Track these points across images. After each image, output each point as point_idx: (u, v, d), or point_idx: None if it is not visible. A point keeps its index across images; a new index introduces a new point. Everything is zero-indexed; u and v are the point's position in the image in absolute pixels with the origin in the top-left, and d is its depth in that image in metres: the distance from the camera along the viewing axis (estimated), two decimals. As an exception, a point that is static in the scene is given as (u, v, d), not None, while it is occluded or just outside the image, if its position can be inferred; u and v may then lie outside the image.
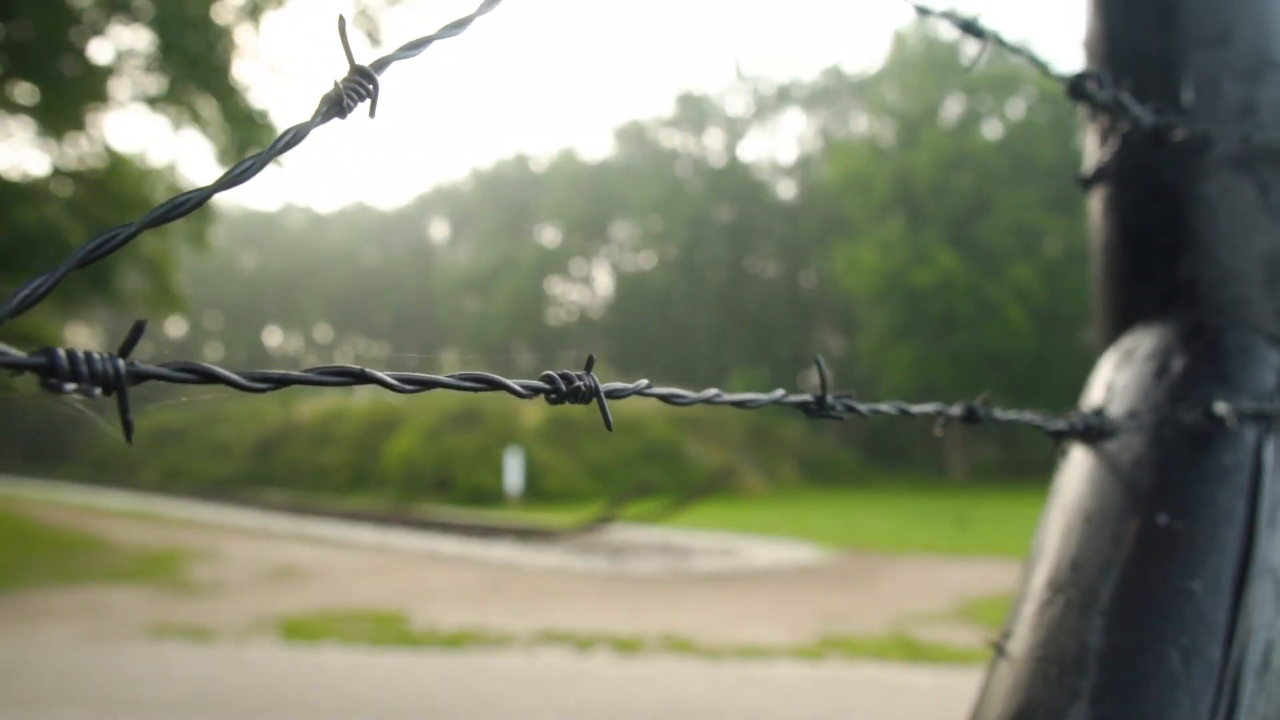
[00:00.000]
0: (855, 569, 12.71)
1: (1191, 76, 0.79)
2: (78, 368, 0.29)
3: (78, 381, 0.28)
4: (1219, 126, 0.80)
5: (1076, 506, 0.71)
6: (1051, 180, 37.63)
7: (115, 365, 0.30)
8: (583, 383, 0.42)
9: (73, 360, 0.28)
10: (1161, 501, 0.68)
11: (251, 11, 13.64)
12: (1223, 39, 0.81)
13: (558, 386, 0.41)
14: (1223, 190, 0.82)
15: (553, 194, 57.11)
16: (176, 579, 11.40)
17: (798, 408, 0.55)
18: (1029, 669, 0.62)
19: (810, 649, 7.52)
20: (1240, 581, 0.63)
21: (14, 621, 8.90)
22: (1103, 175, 0.85)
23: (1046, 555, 0.69)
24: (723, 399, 0.36)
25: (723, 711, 5.95)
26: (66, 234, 13.97)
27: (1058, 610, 0.65)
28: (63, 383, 0.27)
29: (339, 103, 0.36)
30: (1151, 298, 0.81)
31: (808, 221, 49.68)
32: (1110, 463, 0.73)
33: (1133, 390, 0.76)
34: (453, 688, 6.49)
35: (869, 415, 0.60)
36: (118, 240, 0.35)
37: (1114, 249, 0.86)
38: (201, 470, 36.09)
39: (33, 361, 0.27)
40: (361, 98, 0.36)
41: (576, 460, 28.11)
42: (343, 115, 0.36)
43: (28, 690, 6.48)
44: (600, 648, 7.60)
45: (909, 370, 37.95)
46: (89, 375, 0.29)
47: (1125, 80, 0.76)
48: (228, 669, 7.01)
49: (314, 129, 0.37)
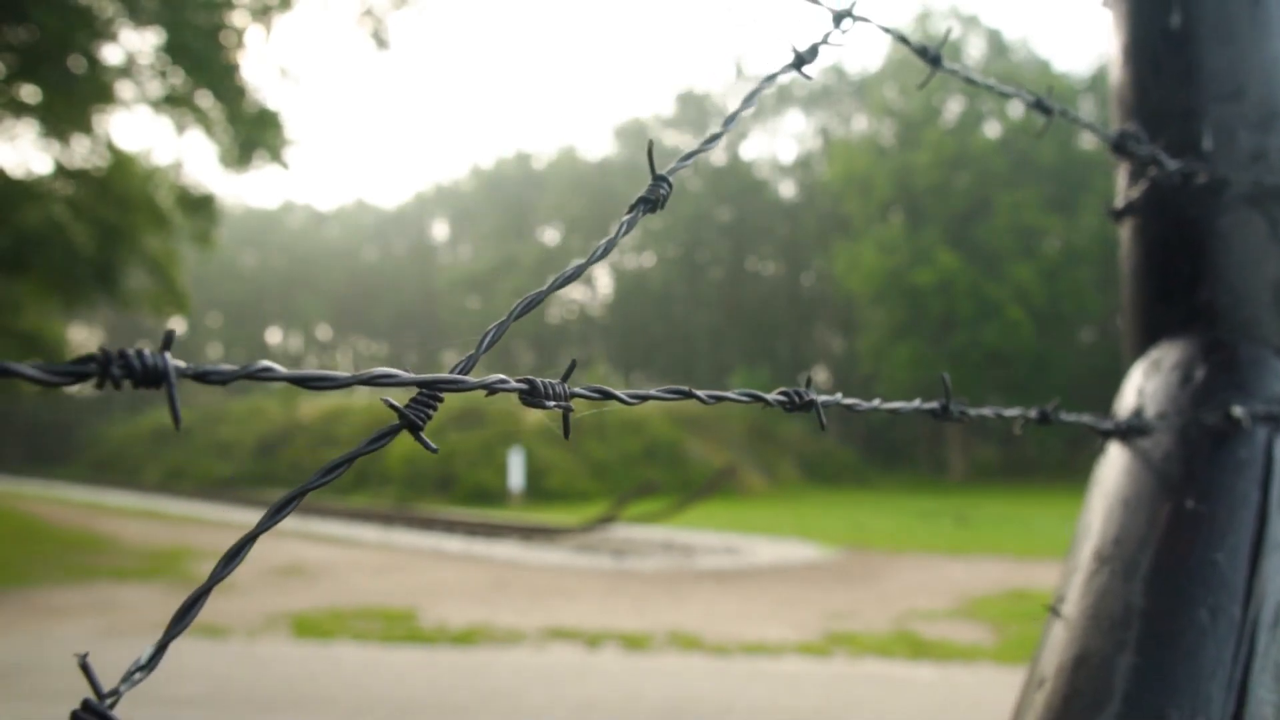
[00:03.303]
0: (857, 567, 12.81)
1: (1210, 126, 0.93)
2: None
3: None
4: (1234, 170, 0.94)
5: (1117, 493, 0.84)
6: (1051, 180, 37.75)
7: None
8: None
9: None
10: (1189, 489, 0.83)
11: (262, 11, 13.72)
12: (1237, 94, 0.95)
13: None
14: (1237, 225, 0.96)
15: (553, 193, 57.19)
16: (184, 576, 11.49)
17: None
18: (1082, 625, 0.75)
19: (816, 645, 7.62)
20: (1255, 554, 0.79)
21: (25, 618, 8.97)
22: (1132, 210, 0.98)
23: (1092, 533, 0.83)
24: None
25: (731, 706, 6.05)
26: (70, 234, 14.04)
27: (1104, 578, 0.78)
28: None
29: (653, 201, 0.46)
30: (1176, 316, 0.95)
31: (808, 221, 49.77)
32: (1144, 457, 0.87)
33: (1161, 396, 0.89)
34: (465, 683, 6.59)
35: (972, 418, 0.71)
36: (535, 301, 0.43)
37: (1142, 274, 0.99)
38: (204, 469, 36.18)
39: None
40: (664, 194, 0.46)
41: (578, 459, 28.22)
42: (654, 209, 0.46)
43: (44, 686, 6.53)
44: (608, 644, 7.70)
45: (909, 369, 38.06)
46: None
47: (1159, 138, 0.90)
48: (243, 665, 7.10)
49: (628, 228, 0.47)
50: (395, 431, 0.36)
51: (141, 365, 0.31)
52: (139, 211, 14.97)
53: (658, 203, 0.46)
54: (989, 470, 39.36)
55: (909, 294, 37.62)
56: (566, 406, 0.42)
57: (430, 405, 0.37)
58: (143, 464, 39.33)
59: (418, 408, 0.37)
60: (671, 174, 0.47)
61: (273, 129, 14.84)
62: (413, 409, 0.36)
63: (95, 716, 0.30)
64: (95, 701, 0.31)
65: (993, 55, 41.74)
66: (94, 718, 0.30)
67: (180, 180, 16.46)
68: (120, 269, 15.61)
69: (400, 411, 0.36)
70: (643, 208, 0.45)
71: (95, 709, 0.30)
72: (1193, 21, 0.96)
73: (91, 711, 0.30)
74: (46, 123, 14.56)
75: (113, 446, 43.51)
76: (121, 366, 0.31)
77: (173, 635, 0.34)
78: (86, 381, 0.30)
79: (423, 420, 0.37)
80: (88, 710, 0.30)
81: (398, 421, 0.36)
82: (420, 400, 0.37)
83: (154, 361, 0.31)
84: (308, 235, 69.30)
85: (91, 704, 0.30)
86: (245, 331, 65.96)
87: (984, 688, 6.44)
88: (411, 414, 0.36)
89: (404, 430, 0.37)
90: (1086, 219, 36.73)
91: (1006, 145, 37.87)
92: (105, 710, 0.30)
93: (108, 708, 0.30)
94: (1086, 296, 37.63)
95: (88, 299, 16.38)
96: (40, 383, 0.29)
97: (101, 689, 0.31)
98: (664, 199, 0.46)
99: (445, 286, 60.09)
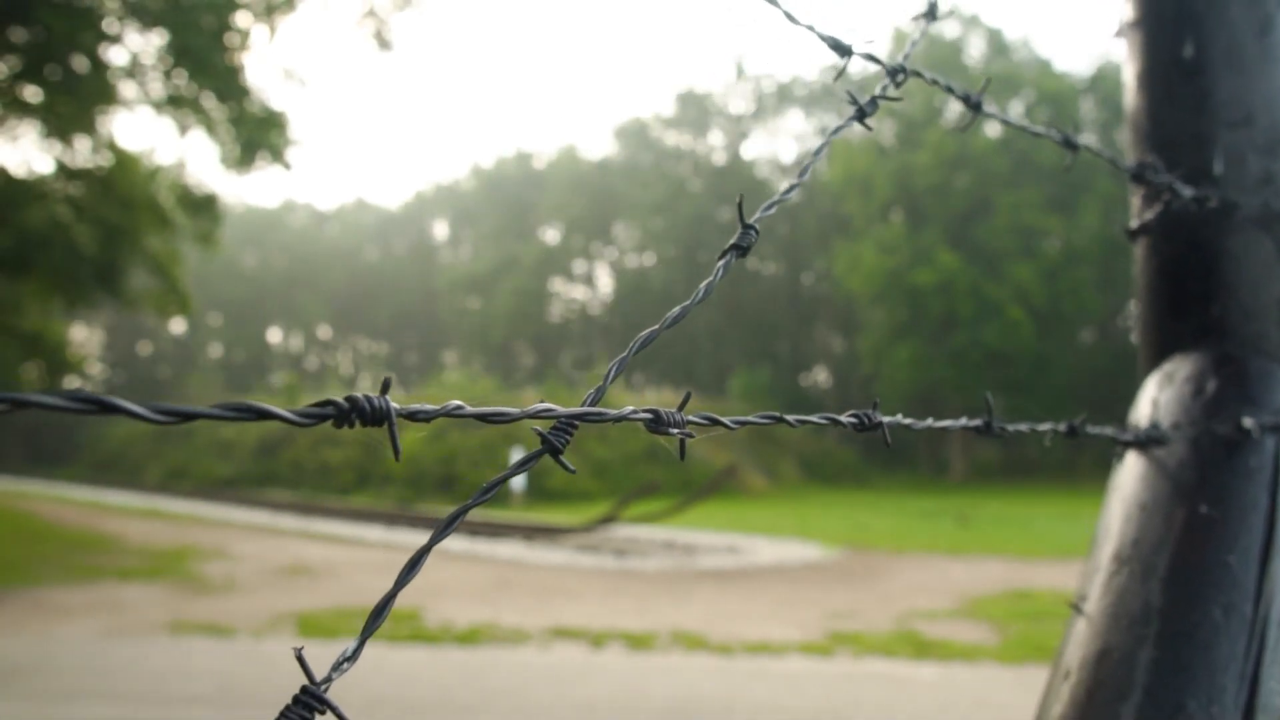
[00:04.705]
0: (858, 567, 12.86)
1: (1221, 152, 0.98)
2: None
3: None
4: (1243, 194, 1.00)
5: (1134, 498, 0.90)
6: (1051, 181, 37.77)
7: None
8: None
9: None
10: (1202, 495, 0.89)
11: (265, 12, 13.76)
12: (1246, 121, 1.00)
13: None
14: (1246, 245, 1.03)
15: (554, 193, 57.21)
16: (189, 576, 11.53)
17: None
18: (1104, 622, 0.81)
19: (818, 645, 7.67)
20: (1265, 555, 0.84)
21: (32, 618, 9.00)
22: (1147, 230, 1.03)
23: (1111, 536, 0.89)
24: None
25: (736, 704, 6.09)
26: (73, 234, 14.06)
27: (1124, 578, 0.84)
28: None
29: (744, 248, 0.51)
30: (1188, 331, 1.01)
31: (808, 221, 49.82)
32: (1159, 464, 0.92)
33: (1175, 406, 0.95)
34: (470, 682, 6.63)
35: (1010, 434, 0.76)
36: (649, 340, 0.47)
37: (1156, 291, 1.04)
38: (205, 469, 36.22)
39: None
40: (753, 240, 0.51)
41: (580, 459, 28.27)
42: (744, 255, 0.51)
43: (52, 685, 6.55)
44: (612, 643, 7.74)
45: (909, 369, 38.13)
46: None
47: (1173, 163, 0.95)
48: (249, 663, 7.13)
49: (723, 272, 0.51)
50: (540, 455, 0.42)
51: (370, 408, 0.37)
52: (141, 211, 15.00)
53: (748, 249, 0.51)
54: (989, 471, 39.42)
55: (909, 294, 37.67)
56: (687, 433, 0.47)
57: (568, 432, 0.42)
58: (144, 464, 39.38)
59: (558, 434, 0.42)
60: (758, 221, 0.51)
61: (276, 130, 14.87)
62: (554, 435, 0.42)
63: (314, 700, 0.34)
64: (312, 687, 0.35)
65: (993, 55, 41.76)
66: (313, 700, 0.34)
67: (182, 180, 16.49)
68: (123, 269, 15.64)
69: (545, 437, 0.41)
70: (734, 254, 0.50)
71: (313, 693, 0.35)
72: (1204, 52, 1.01)
73: (311, 696, 0.35)
74: (49, 123, 14.59)
75: (114, 446, 43.56)
76: (355, 411, 0.37)
77: (370, 631, 0.38)
78: (326, 422, 0.34)
79: (562, 446, 0.42)
80: (306, 694, 0.35)
81: (542, 446, 0.42)
82: (559, 428, 0.42)
83: (380, 404, 0.37)
84: (308, 235, 69.33)
85: (310, 689, 0.35)
86: (246, 331, 65.98)
87: (987, 687, 6.49)
88: (554, 440, 0.41)
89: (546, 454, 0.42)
90: (1086, 219, 36.79)
91: (1007, 145, 37.92)
92: (321, 694, 0.35)
93: (323, 692, 0.35)
94: (1086, 296, 37.69)
95: (90, 299, 16.40)
96: (292, 423, 0.33)
97: (314, 677, 0.36)
98: (753, 244, 0.51)
99: (445, 286, 60.12)
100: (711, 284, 0.48)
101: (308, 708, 0.34)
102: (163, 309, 17.62)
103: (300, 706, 0.33)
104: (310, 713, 0.34)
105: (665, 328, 0.46)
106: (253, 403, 0.33)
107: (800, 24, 0.60)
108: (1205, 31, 1.01)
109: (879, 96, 0.65)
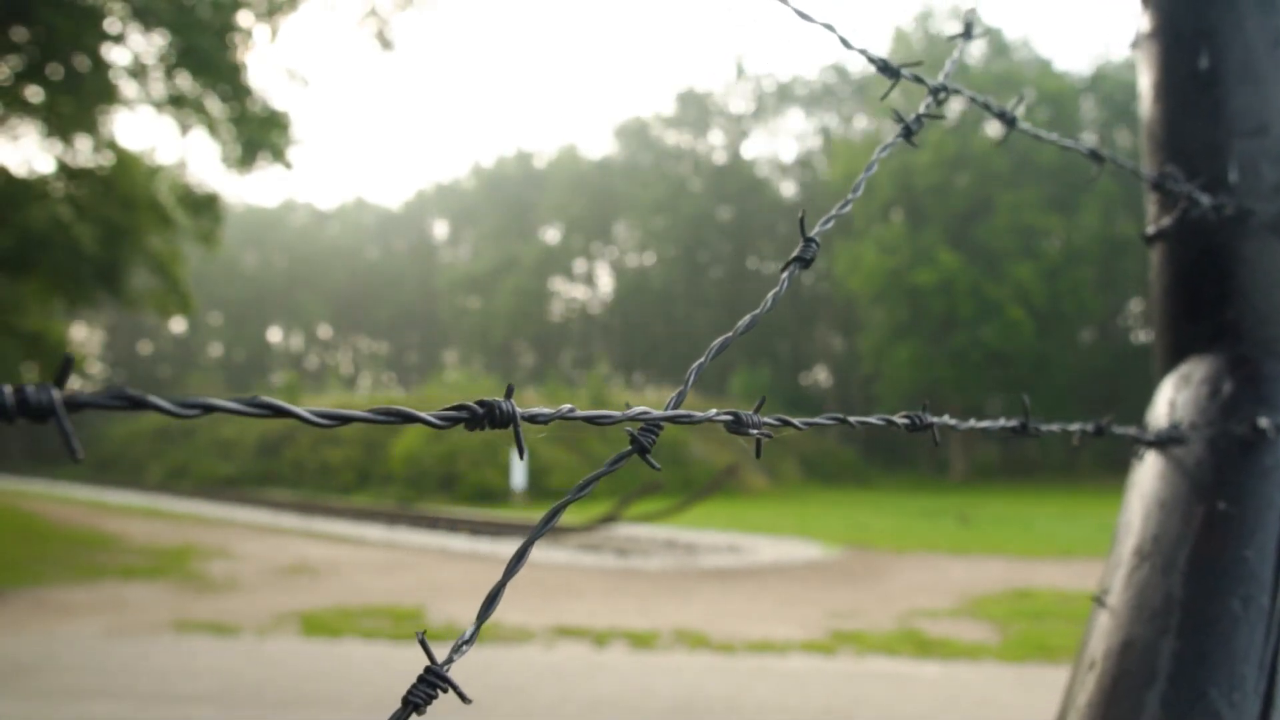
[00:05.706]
0: (860, 566, 12.89)
1: (1236, 160, 1.01)
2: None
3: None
4: (1258, 201, 1.03)
5: (1153, 496, 0.93)
6: (1052, 180, 37.81)
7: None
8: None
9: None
10: (1219, 492, 0.92)
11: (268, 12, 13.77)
12: (1260, 130, 1.03)
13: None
14: (1261, 251, 1.06)
15: (554, 192, 57.21)
16: (192, 575, 11.55)
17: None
18: (1127, 615, 0.84)
19: (821, 643, 7.69)
20: None
21: (35, 617, 9.02)
22: (1163, 236, 1.06)
23: (1132, 532, 0.92)
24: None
25: (739, 702, 6.12)
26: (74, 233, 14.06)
27: (1145, 572, 0.87)
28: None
29: (807, 260, 0.53)
30: (1204, 334, 1.04)
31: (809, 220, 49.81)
32: (1178, 463, 0.95)
33: (1191, 407, 0.98)
34: (475, 680, 6.64)
35: (1043, 434, 0.79)
36: (724, 346, 0.51)
37: (1172, 295, 1.07)
38: (206, 469, 36.23)
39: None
40: (814, 252, 0.53)
41: (581, 458, 28.28)
42: (806, 267, 0.53)
43: (56, 684, 6.57)
44: (616, 642, 7.77)
45: (910, 369, 38.15)
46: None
47: (1190, 172, 0.98)
48: (253, 662, 7.15)
49: (787, 284, 0.54)
50: (629, 454, 0.45)
51: (499, 412, 0.41)
52: (142, 211, 14.99)
53: (811, 261, 0.53)
54: (989, 470, 39.45)
55: (910, 294, 37.70)
56: (765, 434, 0.50)
57: (653, 433, 0.45)
58: (145, 463, 39.38)
59: (645, 434, 0.45)
60: (818, 234, 0.54)
61: (277, 129, 14.88)
62: (643, 435, 0.44)
63: (437, 679, 0.37)
64: (436, 667, 0.38)
65: (993, 55, 41.77)
66: (436, 679, 0.37)
67: (184, 180, 16.49)
68: (124, 269, 15.63)
69: (634, 437, 0.44)
70: (797, 266, 0.53)
71: (437, 673, 0.38)
72: (1219, 63, 1.04)
73: (434, 675, 0.38)
74: (50, 122, 14.59)
75: (115, 446, 43.56)
76: (487, 415, 0.41)
77: (484, 618, 0.41)
78: (459, 424, 0.37)
79: (649, 444, 0.45)
80: (430, 673, 0.38)
81: (631, 446, 0.44)
82: (646, 429, 0.45)
83: (508, 408, 0.42)
84: (309, 234, 69.32)
85: (434, 669, 0.38)
86: (246, 331, 65.98)
87: (989, 685, 6.51)
88: (642, 439, 0.44)
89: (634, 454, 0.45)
90: (1087, 219, 36.81)
91: (1007, 145, 37.90)
92: (444, 673, 0.37)
93: (445, 671, 0.37)
94: (1086, 296, 37.71)
95: (91, 299, 16.39)
96: (434, 426, 0.36)
97: (436, 658, 0.38)
98: (815, 256, 0.53)
99: (446, 286, 60.12)
100: (778, 294, 0.51)
101: (431, 685, 0.36)
102: (164, 308, 17.61)
103: (424, 685, 0.36)
104: (434, 690, 0.36)
105: (738, 335, 0.49)
106: (399, 407, 0.36)
107: (838, 35, 0.62)
108: (1220, 43, 1.04)
109: (924, 115, 0.67)
